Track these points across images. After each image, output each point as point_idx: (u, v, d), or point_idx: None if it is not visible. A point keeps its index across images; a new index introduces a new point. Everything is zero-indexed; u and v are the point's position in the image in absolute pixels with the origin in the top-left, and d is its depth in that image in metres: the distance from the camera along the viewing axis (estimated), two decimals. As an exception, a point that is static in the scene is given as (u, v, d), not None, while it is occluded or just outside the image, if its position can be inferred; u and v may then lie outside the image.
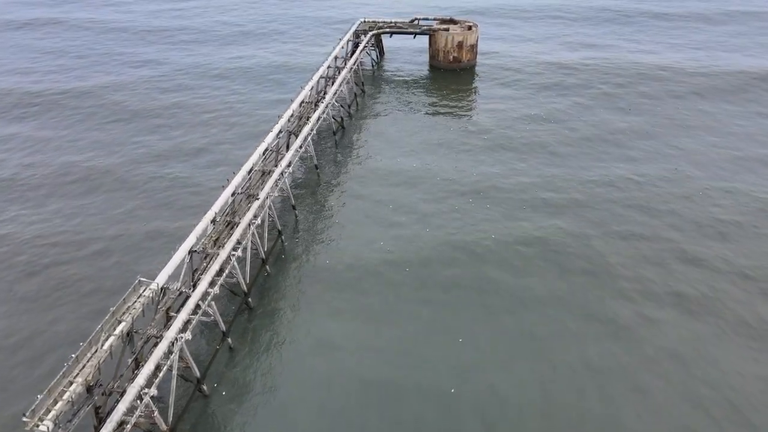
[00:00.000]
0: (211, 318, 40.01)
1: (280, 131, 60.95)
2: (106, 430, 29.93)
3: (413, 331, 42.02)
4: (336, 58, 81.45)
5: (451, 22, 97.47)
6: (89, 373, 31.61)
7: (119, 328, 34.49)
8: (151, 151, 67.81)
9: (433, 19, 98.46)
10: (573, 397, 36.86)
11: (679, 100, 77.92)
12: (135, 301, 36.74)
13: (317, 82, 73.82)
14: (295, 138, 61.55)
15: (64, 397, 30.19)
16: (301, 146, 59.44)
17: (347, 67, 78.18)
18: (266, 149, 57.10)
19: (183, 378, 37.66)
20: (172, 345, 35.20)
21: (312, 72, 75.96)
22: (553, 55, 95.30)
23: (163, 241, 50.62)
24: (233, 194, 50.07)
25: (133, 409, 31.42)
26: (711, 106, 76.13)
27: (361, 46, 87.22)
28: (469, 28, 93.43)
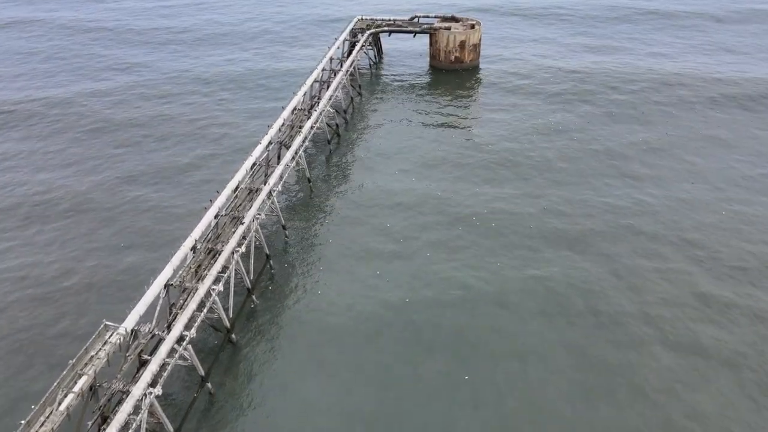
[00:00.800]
0: (188, 362, 35.89)
1: (270, 142, 56.61)
2: None
3: (407, 397, 36.52)
4: (331, 59, 76.91)
5: (453, 19, 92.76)
6: (41, 442, 27.53)
7: (79, 384, 30.35)
8: (131, 169, 62.82)
9: (434, 17, 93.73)
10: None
11: (697, 110, 72.65)
12: (100, 350, 32.57)
13: (311, 87, 69.32)
14: (286, 150, 57.22)
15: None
16: (293, 159, 55.09)
17: (343, 70, 73.62)
18: (254, 164, 52.76)
19: (155, 434, 33.59)
20: (141, 401, 31.06)
21: (305, 76, 71.58)
22: (559, 59, 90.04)
23: (138, 274, 45.86)
24: (216, 216, 45.84)
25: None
26: (730, 116, 70.94)
27: (358, 47, 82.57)
28: (472, 26, 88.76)
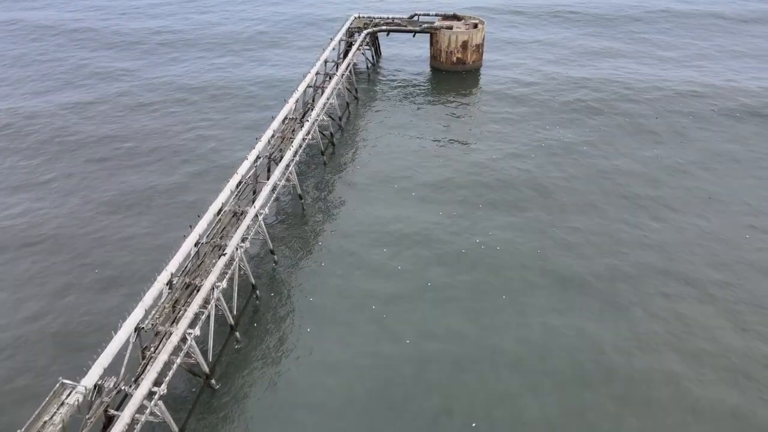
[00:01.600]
0: (159, 419, 32.00)
1: (258, 157, 52.45)
2: None
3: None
4: (326, 62, 72.53)
5: (455, 18, 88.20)
6: None
7: (28, 459, 26.43)
8: (107, 192, 57.23)
9: (435, 15, 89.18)
10: None
11: (718, 123, 66.97)
12: (55, 413, 28.62)
13: (303, 93, 65.01)
14: (276, 165, 53.07)
15: None
16: (283, 176, 50.94)
17: (338, 73, 69.23)
18: (240, 182, 48.61)
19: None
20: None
21: (298, 81, 67.21)
22: (567, 64, 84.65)
23: (111, 314, 41.25)
24: (197, 244, 41.78)
25: None
26: (758, 129, 65.29)
27: (354, 47, 78.11)
28: (475, 25, 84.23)
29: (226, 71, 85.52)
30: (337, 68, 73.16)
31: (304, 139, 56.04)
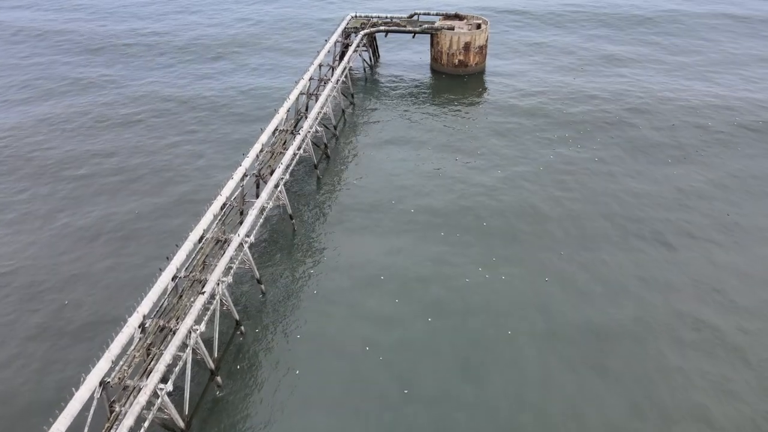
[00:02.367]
0: (126, 489, 28.33)
1: (245, 175, 48.53)
2: None
3: None
4: (320, 66, 68.31)
5: (457, 17, 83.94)
6: None
7: None
8: (79, 220, 51.74)
9: (436, 14, 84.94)
10: None
11: (741, 139, 61.98)
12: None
13: (296, 100, 61.00)
14: (264, 184, 49.16)
15: None
16: (271, 197, 47.00)
17: (333, 79, 65.10)
18: (224, 204, 44.70)
19: None
20: None
21: (290, 88, 63.06)
22: (574, 71, 79.22)
23: (80, 367, 36.59)
24: (175, 278, 37.96)
25: None
26: None
27: (351, 50, 73.87)
28: (478, 26, 79.98)
29: (214, 79, 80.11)
30: (333, 72, 69.03)
31: (295, 155, 52.08)
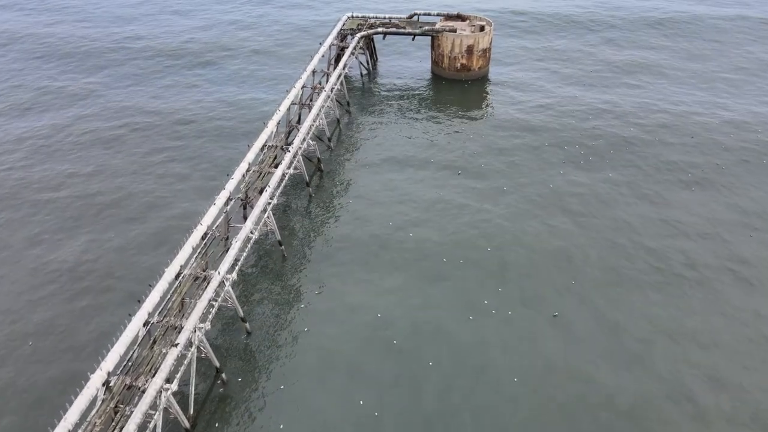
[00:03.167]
0: None
1: (230, 199, 44.49)
2: None
3: None
4: (314, 72, 64.03)
5: (459, 18, 79.60)
6: None
7: None
8: (48, 264, 45.90)
9: (437, 14, 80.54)
10: None
11: None
12: None
13: (287, 112, 56.88)
14: (251, 209, 45.16)
15: None
16: (257, 226, 42.98)
17: (328, 87, 60.85)
18: (205, 234, 40.69)
19: None
20: None
21: (281, 98, 58.77)
22: (585, 84, 73.08)
23: None
24: (146, 324, 34.06)
25: None
26: None
27: (347, 53, 69.53)
28: (482, 28, 75.65)
29: (201, 88, 74.21)
30: (327, 79, 64.79)
31: (285, 175, 48.01)
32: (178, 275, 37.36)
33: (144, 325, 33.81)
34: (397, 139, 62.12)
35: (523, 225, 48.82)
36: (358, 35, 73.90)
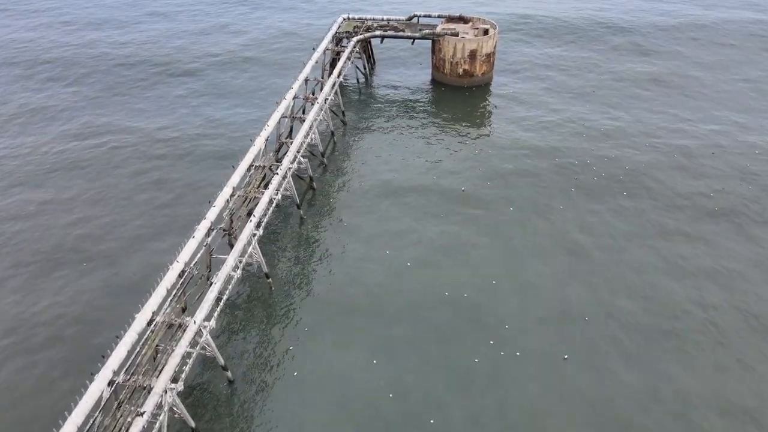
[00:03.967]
0: None
1: (211, 229, 40.56)
2: None
3: None
4: (306, 80, 59.90)
5: (461, 20, 75.39)
6: None
7: None
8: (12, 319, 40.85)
9: (438, 16, 76.24)
10: None
11: None
12: None
13: (277, 126, 52.81)
14: (235, 241, 41.25)
15: None
16: (241, 260, 39.09)
17: (321, 97, 56.75)
18: (182, 272, 36.79)
19: None
20: None
21: (270, 111, 54.43)
22: (596, 103, 67.22)
23: None
24: (111, 383, 30.20)
25: None
26: None
27: (342, 59, 65.27)
28: (486, 31, 71.47)
29: (184, 103, 68.82)
30: (321, 88, 60.63)
31: (272, 201, 44.01)
32: (151, 321, 33.55)
33: (109, 385, 29.99)
34: (395, 156, 57.82)
35: (525, 281, 42.73)
36: (355, 39, 69.52)
